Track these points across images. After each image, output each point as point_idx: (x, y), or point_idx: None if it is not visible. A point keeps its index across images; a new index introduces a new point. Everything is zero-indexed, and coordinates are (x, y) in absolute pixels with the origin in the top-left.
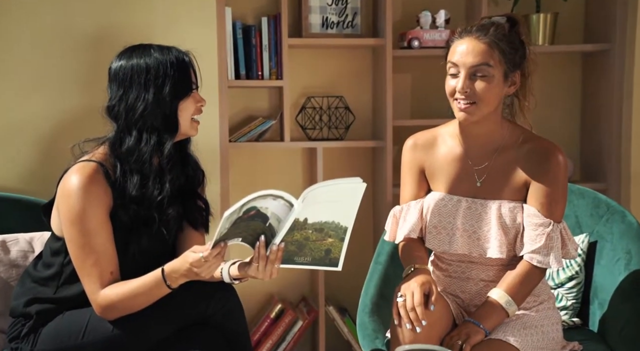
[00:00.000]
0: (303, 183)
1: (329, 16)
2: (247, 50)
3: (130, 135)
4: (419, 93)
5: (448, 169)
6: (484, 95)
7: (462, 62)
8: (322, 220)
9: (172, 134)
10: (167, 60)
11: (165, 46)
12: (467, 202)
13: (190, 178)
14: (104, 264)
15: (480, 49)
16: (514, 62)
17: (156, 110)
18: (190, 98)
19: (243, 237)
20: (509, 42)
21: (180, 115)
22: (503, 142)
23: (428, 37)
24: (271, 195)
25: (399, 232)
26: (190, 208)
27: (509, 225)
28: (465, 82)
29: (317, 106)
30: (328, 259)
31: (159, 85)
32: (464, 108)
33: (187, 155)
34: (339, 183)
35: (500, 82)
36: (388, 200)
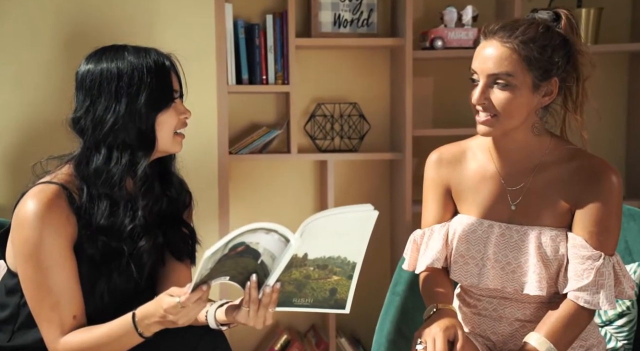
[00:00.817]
0: (312, 201)
1: (341, 13)
2: (250, 51)
3: (99, 152)
4: (442, 100)
5: (478, 189)
6: (504, 107)
7: (480, 69)
8: (326, 255)
9: (148, 152)
10: (143, 65)
11: (142, 48)
12: (501, 227)
13: (173, 201)
14: (65, 307)
15: (501, 55)
16: (546, 69)
17: (129, 124)
18: (171, 109)
19: (231, 275)
20: (541, 46)
21: (159, 129)
22: (543, 159)
23: (453, 36)
24: (263, 228)
25: (420, 260)
26: (173, 236)
27: (550, 257)
28: (482, 93)
29: (328, 114)
30: (333, 300)
31: (133, 95)
32: (482, 121)
33: (169, 174)
34: (344, 212)
35: (526, 93)
36: (407, 219)
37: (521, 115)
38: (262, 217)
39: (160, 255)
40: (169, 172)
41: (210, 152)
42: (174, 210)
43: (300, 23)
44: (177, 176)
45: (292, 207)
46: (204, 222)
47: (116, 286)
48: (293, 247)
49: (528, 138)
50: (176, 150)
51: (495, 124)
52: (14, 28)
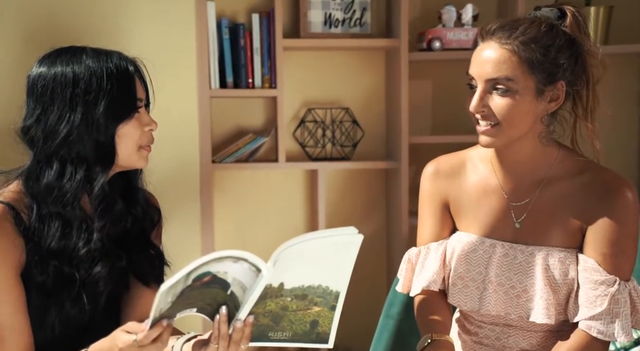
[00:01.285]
0: (302, 213)
1: (332, 12)
2: (234, 53)
3: (50, 167)
4: (440, 105)
5: (479, 204)
6: (505, 115)
7: (478, 74)
8: (305, 284)
9: (106, 167)
10: (102, 70)
11: (104, 50)
12: (504, 247)
13: (139, 220)
14: (12, 342)
15: (500, 58)
16: (551, 72)
17: (85, 136)
18: (134, 120)
19: (199, 307)
20: (544, 46)
21: (120, 142)
22: (551, 172)
23: (452, 36)
24: (230, 256)
25: (416, 282)
26: (138, 259)
27: (558, 281)
28: (480, 100)
29: (319, 119)
30: (315, 333)
31: (90, 103)
32: (482, 131)
33: (134, 190)
34: (325, 237)
35: (529, 99)
36: (404, 232)
37: (525, 123)
38: (248, 230)
39: (124, 280)
40: (134, 187)
41: (192, 161)
42: (139, 229)
43: (289, 23)
44: (144, 192)
45: (280, 220)
46: (185, 237)
47: (69, 317)
48: (265, 277)
49: (534, 149)
50: (141, 165)
51: (497, 134)
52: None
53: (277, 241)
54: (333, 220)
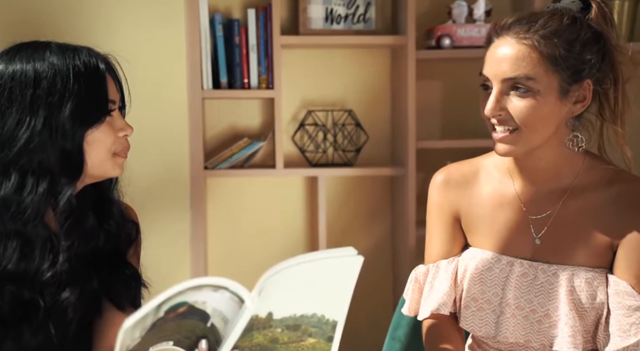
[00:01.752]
0: (301, 223)
1: (334, 8)
2: (229, 51)
3: (8, 178)
4: (450, 107)
5: (494, 217)
6: (526, 119)
7: (493, 74)
8: (297, 313)
9: (73, 178)
10: (69, 68)
11: (71, 46)
12: (523, 265)
13: (113, 236)
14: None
15: (518, 54)
16: (576, 69)
17: (48, 143)
18: (106, 125)
19: (175, 339)
20: (568, 40)
21: (90, 149)
22: (575, 182)
23: (463, 33)
24: (209, 285)
25: (424, 304)
26: (112, 280)
27: (585, 305)
28: (496, 102)
29: (320, 122)
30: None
31: (54, 105)
32: (500, 138)
33: (108, 202)
34: (320, 259)
35: (553, 100)
36: (411, 244)
37: (547, 128)
38: (244, 243)
39: (96, 304)
40: (107, 199)
41: (182, 167)
42: (113, 246)
43: (287, 18)
44: (119, 204)
45: (278, 231)
46: (174, 252)
47: (29, 348)
48: (248, 309)
49: (558, 156)
50: (115, 174)
51: (517, 141)
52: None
53: (275, 254)
54: (334, 231)
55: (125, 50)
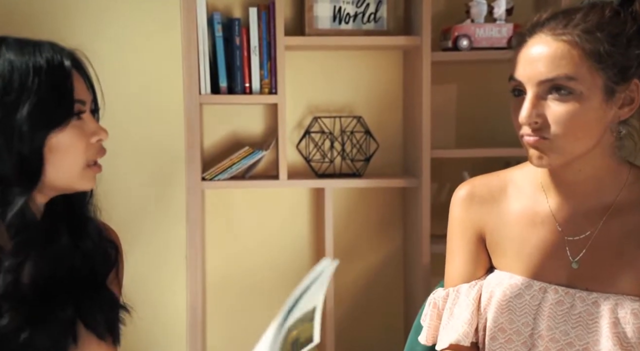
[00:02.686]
0: (307, 239)
1: (342, 6)
2: (229, 53)
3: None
4: (467, 113)
5: (524, 237)
6: (568, 126)
7: (527, 77)
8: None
9: (27, 187)
10: (28, 64)
11: (31, 41)
12: (558, 292)
13: (88, 256)
14: None
15: (556, 52)
16: (623, 66)
17: (3, 149)
18: (72, 128)
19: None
20: (612, 34)
21: (53, 155)
22: (619, 199)
23: (482, 34)
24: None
25: (443, 333)
26: (88, 305)
27: (631, 340)
28: (532, 108)
29: (327, 130)
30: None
31: (10, 105)
32: (533, 144)
33: (83, 219)
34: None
35: (597, 103)
36: (424, 260)
37: (592, 135)
38: (243, 258)
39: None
40: (82, 216)
41: (178, 178)
42: (90, 268)
43: (292, 18)
44: (95, 222)
45: (281, 246)
46: (169, 265)
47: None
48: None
49: (599, 168)
50: (85, 187)
51: (554, 150)
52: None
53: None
54: (341, 246)
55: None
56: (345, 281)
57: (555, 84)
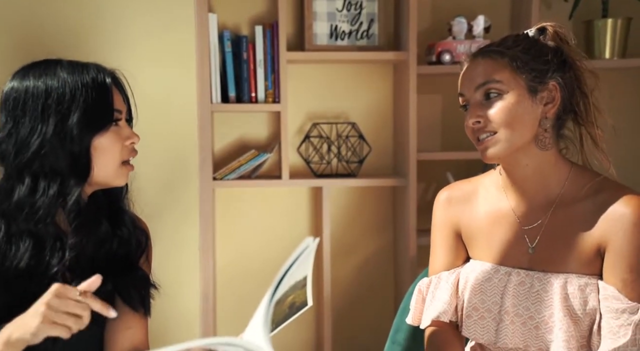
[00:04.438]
0: (307, 232)
1: (338, 24)
2: (237, 66)
3: (22, 182)
4: (450, 120)
5: (491, 230)
6: (501, 119)
7: (467, 88)
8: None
9: (80, 180)
10: (77, 81)
11: (80, 63)
12: (519, 275)
13: (125, 242)
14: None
15: (486, 64)
16: (540, 70)
17: (58, 148)
18: (112, 133)
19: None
20: (526, 47)
21: (97, 155)
22: (563, 192)
23: (463, 49)
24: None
25: (426, 313)
26: (124, 282)
27: (578, 311)
28: (474, 110)
29: (324, 135)
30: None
31: (63, 113)
32: (483, 145)
33: (120, 211)
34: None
35: (524, 98)
36: (411, 251)
37: (524, 126)
38: (250, 251)
39: (110, 304)
40: (119, 208)
41: (191, 177)
42: (125, 252)
43: (293, 35)
44: (130, 213)
45: (284, 239)
46: (184, 256)
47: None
48: None
49: (542, 162)
50: (120, 183)
51: (499, 142)
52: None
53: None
54: (338, 239)
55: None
56: (341, 270)
57: (487, 87)
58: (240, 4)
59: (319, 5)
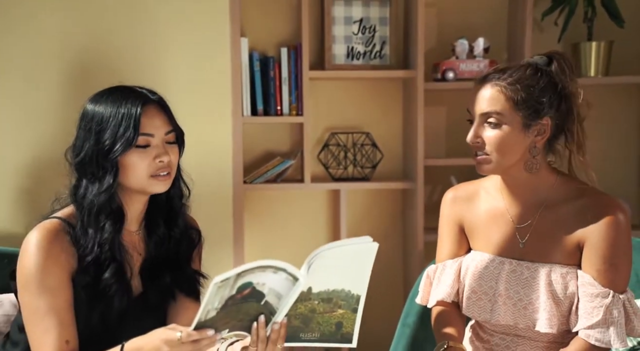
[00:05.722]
0: (325, 229)
1: (354, 46)
2: (265, 83)
3: (81, 182)
4: (454, 130)
5: (489, 226)
6: (494, 146)
7: (475, 110)
8: (330, 288)
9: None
10: (114, 111)
11: (127, 93)
12: (512, 264)
13: (176, 241)
14: (59, 331)
15: (491, 95)
16: (535, 109)
17: (94, 161)
18: (136, 152)
19: (231, 326)
20: (527, 86)
21: (125, 169)
22: (550, 197)
23: (464, 67)
24: (272, 267)
25: (432, 294)
26: (179, 275)
27: (560, 295)
28: (474, 132)
29: (342, 143)
30: (340, 334)
31: (99, 134)
32: (477, 160)
33: (175, 214)
34: (346, 245)
35: (516, 132)
36: (419, 248)
37: (513, 154)
38: (276, 245)
39: (171, 293)
40: (175, 211)
41: (225, 181)
42: (177, 249)
43: (314, 55)
44: (185, 216)
45: (305, 236)
46: (219, 250)
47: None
48: (301, 284)
49: (527, 176)
50: (156, 190)
51: (490, 162)
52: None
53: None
54: (354, 235)
55: (182, 85)
56: None
57: (489, 116)
58: (268, 29)
59: (337, 29)
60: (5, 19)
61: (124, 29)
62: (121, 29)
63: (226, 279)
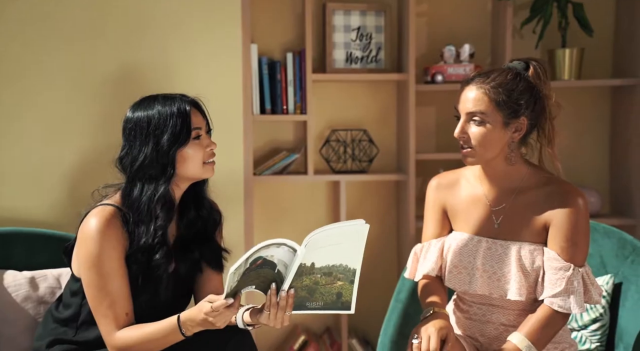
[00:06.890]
0: (326, 216)
1: (353, 51)
2: (272, 85)
3: (135, 186)
4: (442, 127)
5: (469, 210)
6: (478, 141)
7: (461, 109)
8: (330, 263)
9: (168, 181)
10: (167, 112)
11: (170, 96)
12: (488, 242)
13: (205, 220)
14: (120, 306)
15: (476, 97)
16: (514, 110)
17: (154, 162)
18: (194, 144)
19: (256, 284)
20: (508, 90)
21: (184, 160)
22: (521, 184)
23: (452, 71)
24: (274, 243)
25: (419, 269)
26: (206, 251)
27: (528, 268)
28: (461, 128)
29: (341, 139)
30: (340, 302)
31: (158, 136)
32: (463, 153)
33: (202, 198)
34: (341, 226)
35: (497, 129)
36: (411, 233)
37: (494, 148)
38: (282, 230)
39: (198, 267)
40: (201, 195)
41: (237, 173)
42: (205, 228)
43: (317, 60)
44: (208, 199)
45: (308, 221)
46: (232, 235)
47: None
48: (300, 255)
49: (505, 167)
50: (208, 175)
51: (474, 155)
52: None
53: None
54: None
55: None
56: None
57: (474, 115)
58: (275, 36)
59: (337, 36)
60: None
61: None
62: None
63: (238, 266)
